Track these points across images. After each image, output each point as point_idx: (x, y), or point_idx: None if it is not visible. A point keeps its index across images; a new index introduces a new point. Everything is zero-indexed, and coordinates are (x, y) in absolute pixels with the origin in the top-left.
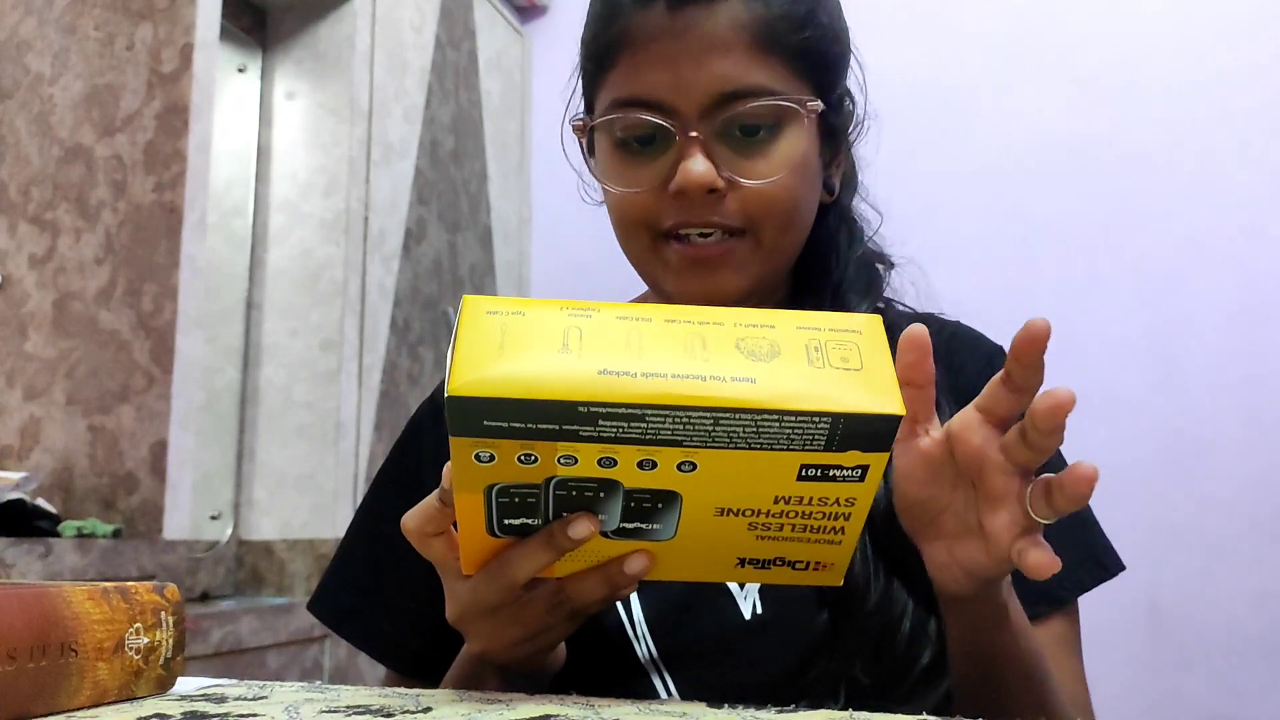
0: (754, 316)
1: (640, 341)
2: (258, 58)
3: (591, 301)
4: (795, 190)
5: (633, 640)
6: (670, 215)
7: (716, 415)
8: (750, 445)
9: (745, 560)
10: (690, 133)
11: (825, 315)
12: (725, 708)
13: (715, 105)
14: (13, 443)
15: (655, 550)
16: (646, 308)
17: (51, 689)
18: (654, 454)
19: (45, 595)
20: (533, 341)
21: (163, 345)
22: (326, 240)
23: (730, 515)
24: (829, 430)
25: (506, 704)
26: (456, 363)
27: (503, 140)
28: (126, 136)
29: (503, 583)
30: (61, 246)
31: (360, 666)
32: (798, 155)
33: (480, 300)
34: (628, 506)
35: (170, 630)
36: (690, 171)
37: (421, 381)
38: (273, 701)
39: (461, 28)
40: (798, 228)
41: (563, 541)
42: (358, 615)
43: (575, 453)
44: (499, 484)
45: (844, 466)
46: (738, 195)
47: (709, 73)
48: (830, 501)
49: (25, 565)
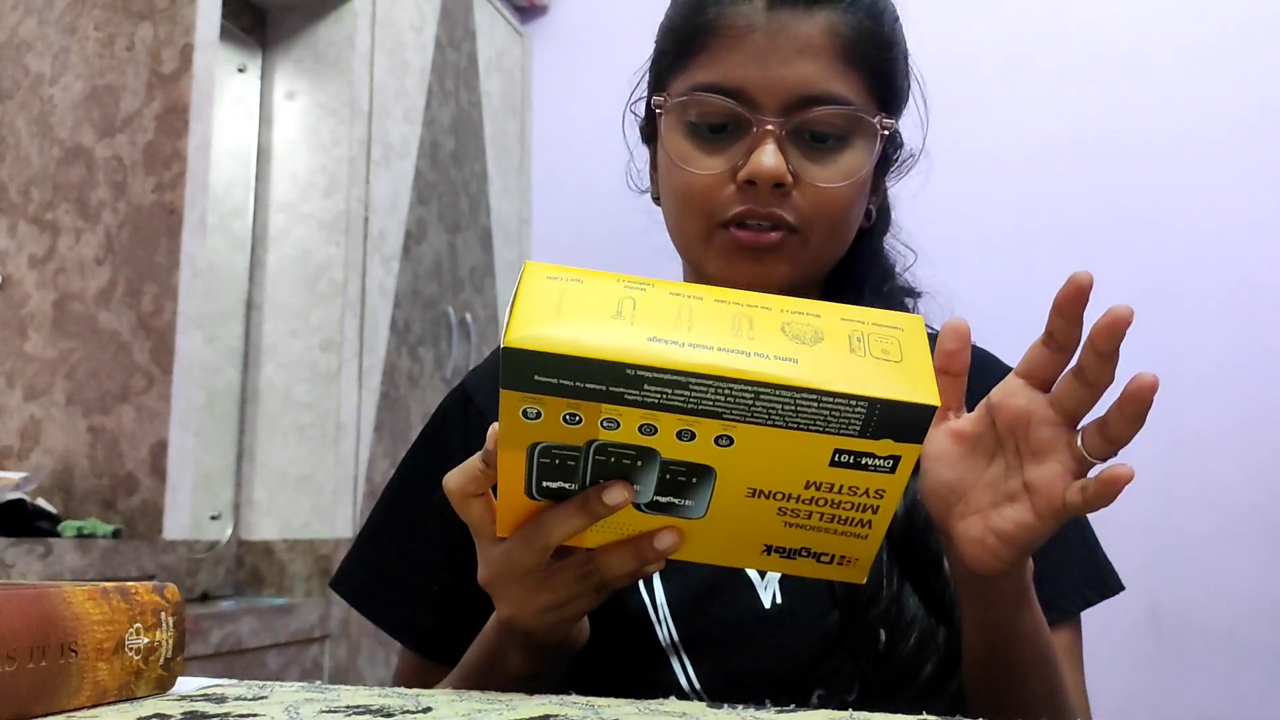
0: (801, 305)
1: (690, 316)
2: (258, 58)
3: (648, 278)
4: (851, 201)
5: (654, 623)
6: (734, 204)
7: (758, 390)
8: (787, 424)
9: (772, 548)
10: (767, 126)
11: (870, 310)
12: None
13: (795, 105)
14: (13, 443)
15: (685, 528)
16: (699, 287)
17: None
18: (694, 424)
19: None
20: (588, 307)
21: (163, 345)
22: (326, 240)
23: (761, 498)
24: (865, 415)
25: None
26: (515, 318)
27: (503, 141)
28: (126, 137)
29: (537, 545)
30: (61, 247)
31: (360, 666)
32: (860, 168)
33: (542, 266)
34: (663, 479)
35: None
36: (764, 162)
37: (421, 382)
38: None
39: (461, 28)
40: (842, 238)
41: (597, 506)
42: (380, 595)
43: (618, 416)
44: (542, 443)
45: (876, 455)
46: (801, 194)
47: (795, 73)
48: (860, 491)
49: (25, 565)
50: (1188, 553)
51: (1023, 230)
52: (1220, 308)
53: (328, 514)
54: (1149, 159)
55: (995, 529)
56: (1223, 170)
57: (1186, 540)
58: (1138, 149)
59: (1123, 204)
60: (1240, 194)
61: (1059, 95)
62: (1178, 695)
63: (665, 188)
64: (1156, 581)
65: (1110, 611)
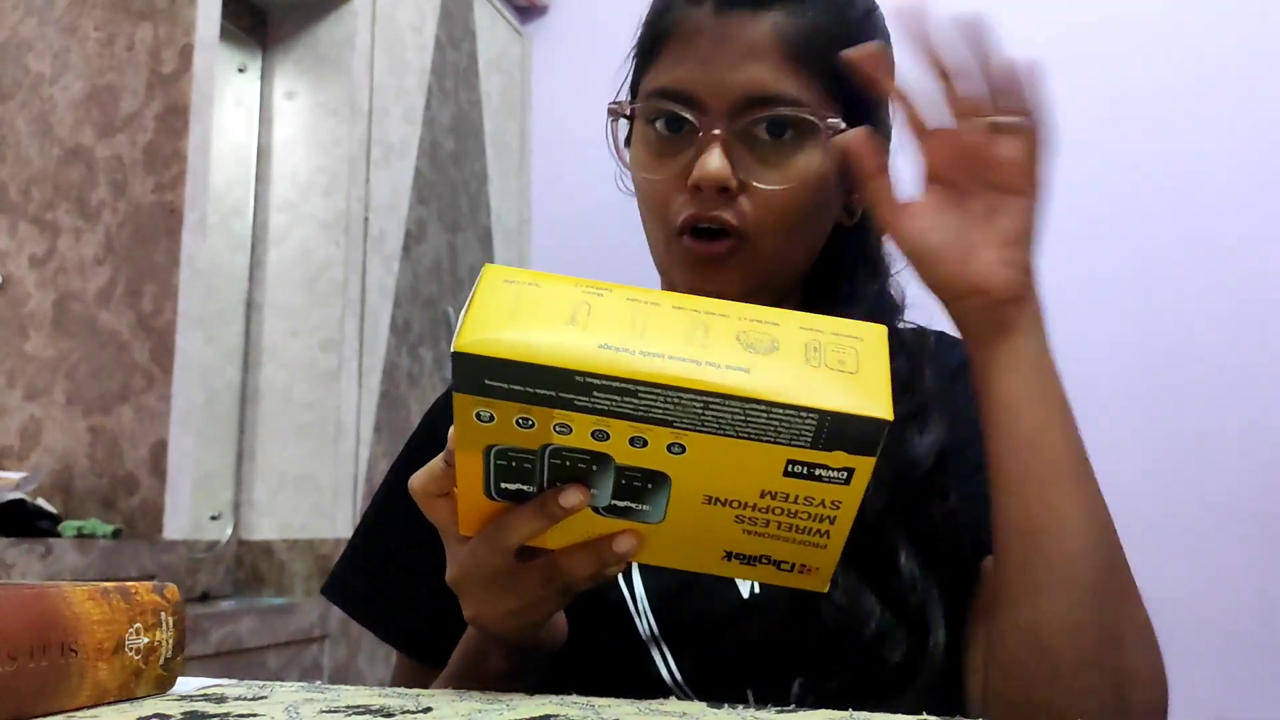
0: (760, 313)
1: (645, 323)
2: (258, 58)
3: (607, 283)
4: (804, 202)
5: (634, 616)
6: (684, 209)
7: (706, 399)
8: (738, 433)
9: (732, 554)
10: (714, 130)
11: (831, 319)
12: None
13: (742, 108)
14: (13, 443)
15: (645, 533)
16: (657, 293)
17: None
18: (645, 432)
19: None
20: (543, 312)
21: (163, 345)
22: (326, 240)
23: (718, 505)
24: (815, 427)
25: (507, 704)
26: (467, 322)
27: (503, 140)
28: (126, 137)
29: (498, 546)
30: (61, 247)
31: (360, 666)
32: (812, 169)
33: (500, 270)
34: (619, 483)
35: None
36: (707, 166)
37: (421, 381)
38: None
39: (461, 28)
40: (802, 241)
41: (554, 509)
42: (372, 600)
43: (570, 422)
44: (497, 445)
45: (830, 467)
46: (749, 198)
47: (741, 76)
48: (815, 502)
49: (25, 565)
50: (1187, 552)
51: None
52: (1220, 307)
53: (328, 514)
54: (1149, 157)
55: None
56: (1223, 169)
57: (1186, 539)
58: (1137, 149)
59: (1122, 203)
60: (1241, 194)
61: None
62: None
63: (636, 193)
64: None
65: None
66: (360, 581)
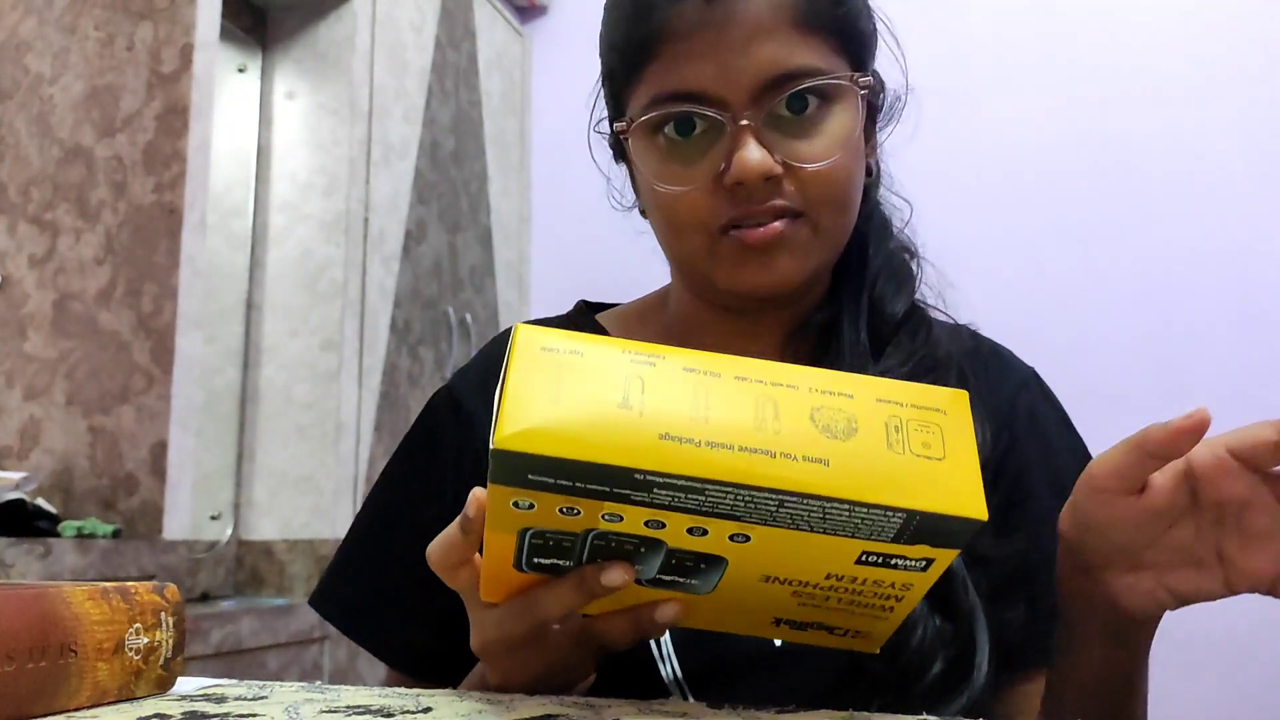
0: (831, 381)
1: (708, 401)
2: (258, 58)
3: (656, 345)
4: (850, 170)
5: (658, 660)
6: (728, 209)
7: (782, 498)
8: (813, 529)
9: (782, 620)
10: (741, 121)
11: (908, 386)
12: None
13: (764, 90)
14: (13, 443)
15: (689, 601)
16: (716, 359)
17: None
18: (707, 524)
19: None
20: (590, 391)
21: (163, 345)
22: (326, 240)
23: (776, 583)
24: (901, 525)
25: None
26: (505, 408)
27: (503, 140)
28: (126, 137)
29: (529, 621)
30: (61, 247)
31: (360, 667)
32: (849, 134)
33: (534, 334)
34: (668, 562)
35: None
36: (748, 160)
37: (421, 381)
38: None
39: (461, 28)
40: (852, 209)
41: (594, 587)
42: (363, 613)
43: (622, 513)
44: (534, 528)
45: (908, 557)
46: (794, 179)
47: (755, 58)
48: (885, 585)
49: (25, 565)
50: None
51: (1024, 231)
52: (1223, 309)
53: (328, 514)
54: (1151, 159)
55: (1173, 589)
56: (1225, 171)
57: None
58: (1140, 149)
59: (1124, 203)
60: (1242, 195)
61: (1060, 95)
62: (1177, 696)
63: (651, 208)
64: None
65: None
66: (351, 594)
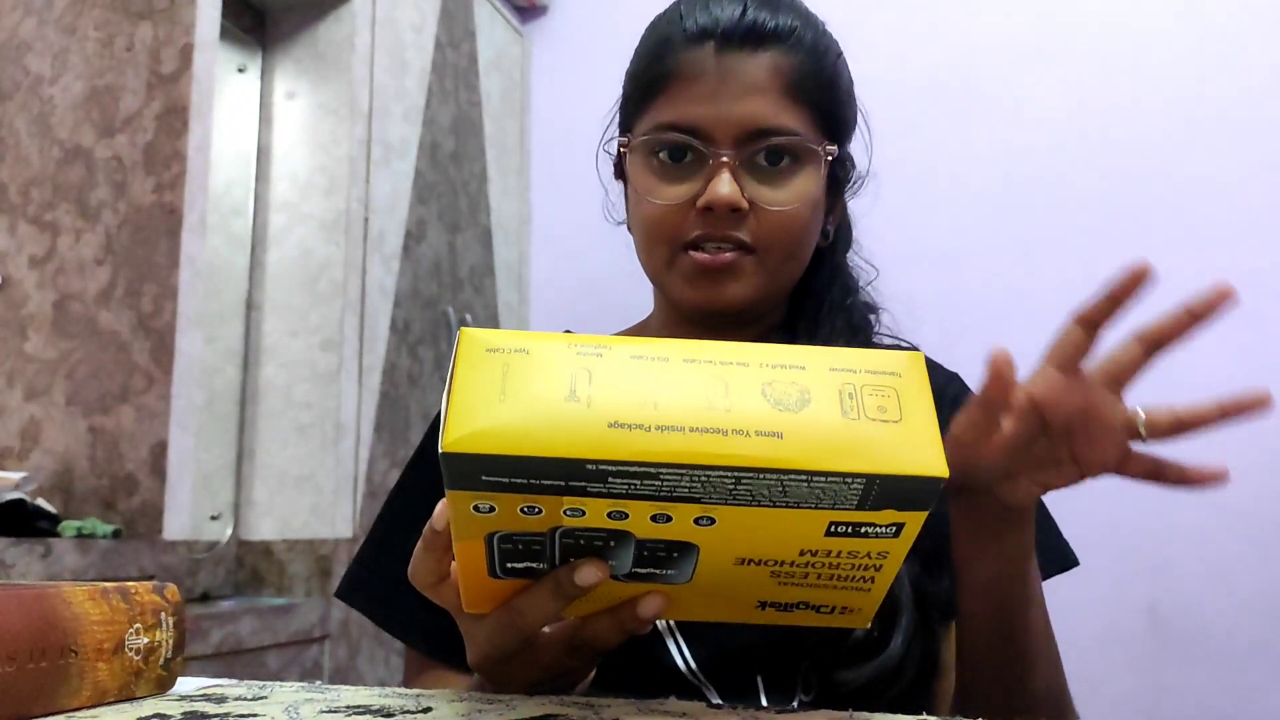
0: (783, 355)
1: (656, 386)
2: (258, 58)
3: (603, 336)
4: (804, 222)
5: (670, 649)
6: (694, 229)
7: (738, 475)
8: (774, 504)
9: (766, 603)
10: (722, 158)
11: (862, 353)
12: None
13: (747, 138)
14: (13, 443)
15: (671, 592)
16: (664, 344)
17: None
18: (669, 509)
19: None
20: (536, 385)
21: (163, 345)
22: (326, 240)
23: (751, 564)
24: (862, 490)
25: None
26: (452, 412)
27: (503, 140)
28: (126, 137)
29: (516, 633)
30: (61, 247)
31: (360, 666)
32: (811, 192)
33: (478, 335)
34: (640, 554)
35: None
36: (719, 190)
37: (421, 381)
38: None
39: (461, 28)
40: (799, 257)
41: (570, 589)
42: (385, 601)
43: (583, 506)
44: (500, 531)
45: (877, 524)
46: (756, 217)
47: (745, 109)
48: (860, 555)
49: (25, 565)
50: (1188, 553)
51: (1022, 229)
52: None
53: (328, 514)
54: (1149, 158)
55: (1042, 483)
56: (1223, 170)
57: (1186, 540)
58: (1137, 148)
59: (1121, 203)
60: (1240, 193)
61: (1059, 95)
62: (1178, 695)
63: (634, 219)
64: (1156, 581)
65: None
66: (377, 584)
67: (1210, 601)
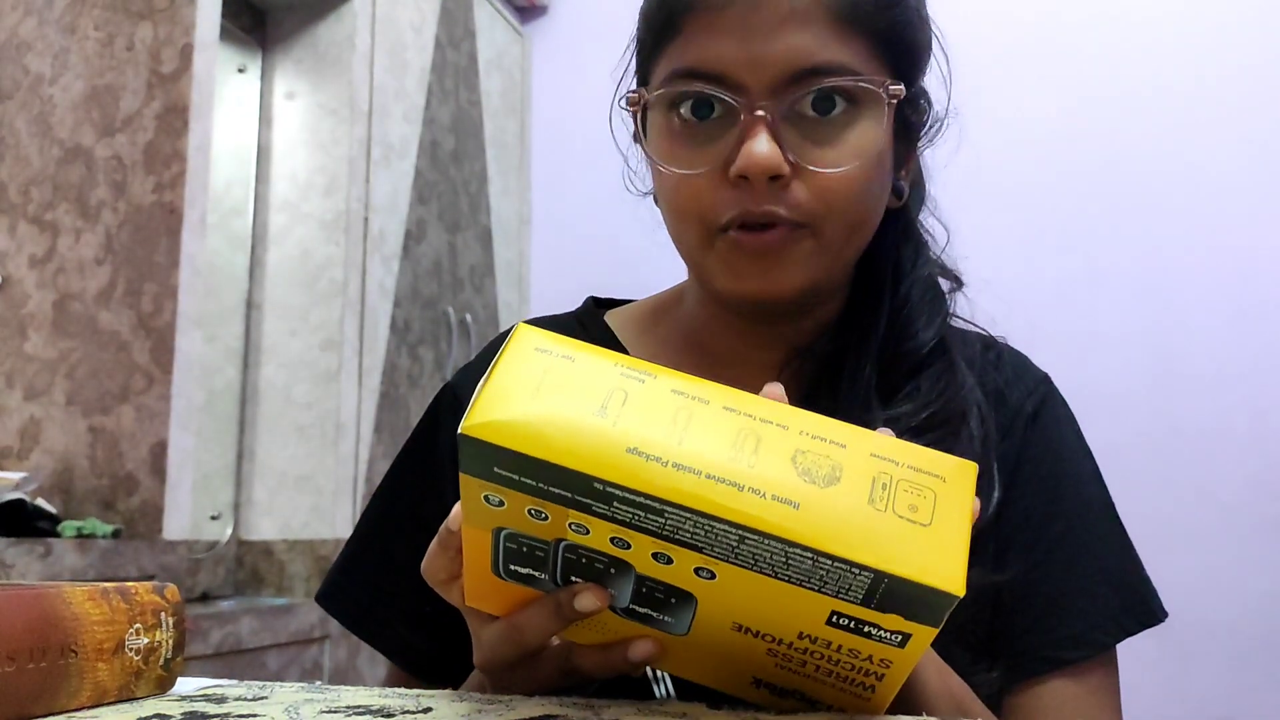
0: (826, 428)
1: (687, 424)
2: (258, 58)
3: (653, 365)
4: (867, 184)
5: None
6: (728, 206)
7: (742, 533)
8: (776, 575)
9: (762, 682)
10: (756, 111)
11: (911, 448)
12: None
13: (788, 82)
14: (13, 443)
15: (667, 642)
16: (710, 388)
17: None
18: (670, 551)
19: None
20: (572, 395)
21: (163, 345)
22: (326, 240)
23: (749, 634)
24: (869, 586)
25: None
26: (482, 397)
27: (503, 140)
28: (126, 137)
29: (515, 647)
30: (61, 246)
31: (360, 667)
32: (872, 145)
33: (533, 334)
34: (639, 591)
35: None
36: (754, 153)
37: (421, 382)
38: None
39: (461, 28)
40: (864, 228)
41: (569, 612)
42: (366, 611)
43: (588, 525)
44: (508, 529)
45: (882, 627)
46: (804, 184)
47: (783, 45)
48: (862, 657)
49: (25, 565)
50: (1188, 552)
51: (1022, 228)
52: (1220, 305)
53: (328, 514)
54: (1149, 156)
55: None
56: (1223, 168)
57: (1186, 539)
58: (1137, 146)
59: (1123, 200)
60: (1240, 192)
61: (1059, 93)
62: (1178, 694)
63: (659, 192)
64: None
65: None
66: (357, 591)
67: (1210, 600)
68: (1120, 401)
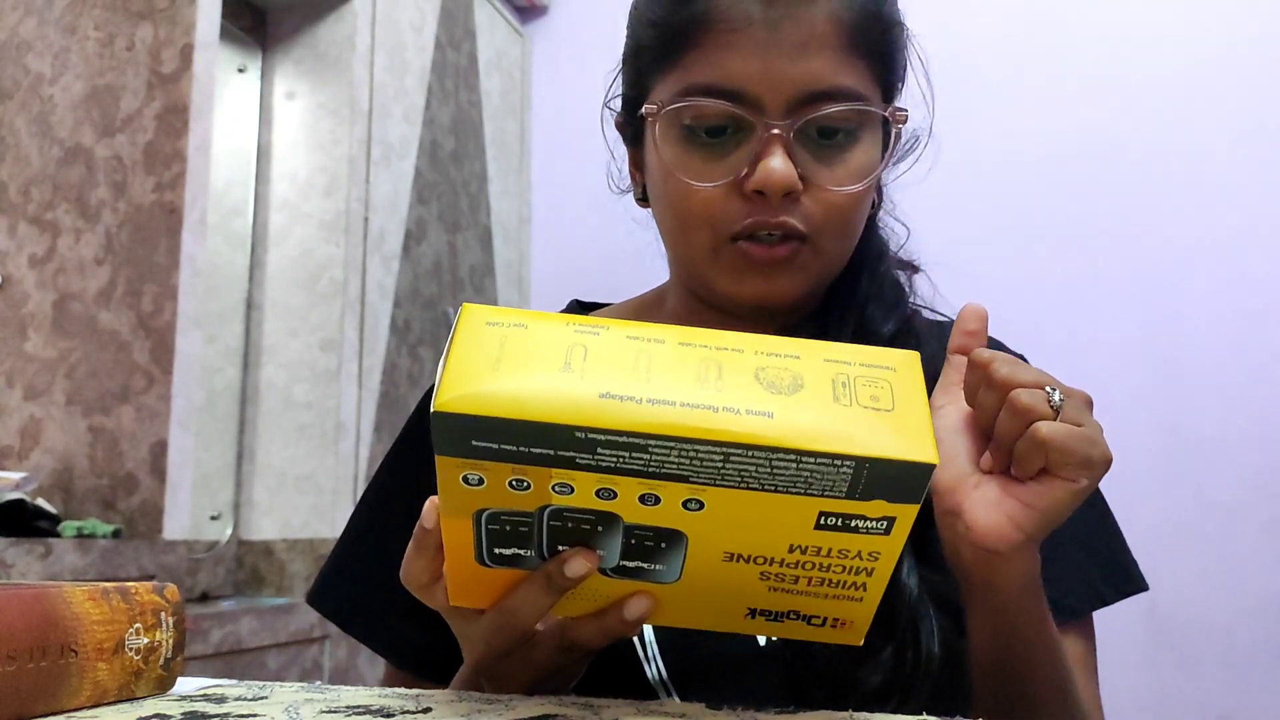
0: (777, 345)
1: (649, 364)
2: (258, 58)
3: (601, 319)
4: (862, 200)
5: (643, 661)
6: (741, 216)
7: (727, 451)
8: (763, 486)
9: (756, 611)
10: (773, 129)
11: (857, 348)
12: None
13: (802, 102)
14: (13, 443)
15: (659, 593)
16: (660, 328)
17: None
18: (657, 488)
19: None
20: (532, 358)
21: (163, 345)
22: (326, 240)
23: (740, 561)
24: (852, 475)
25: (506, 704)
26: (447, 376)
27: (503, 140)
28: (126, 137)
29: (510, 632)
30: (61, 246)
31: (360, 667)
32: (872, 166)
33: (480, 310)
34: (628, 543)
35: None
36: (774, 170)
37: (421, 382)
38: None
39: (461, 28)
40: (856, 238)
41: (561, 581)
42: (359, 610)
43: (571, 481)
44: (489, 510)
45: (867, 517)
46: (811, 199)
47: (802, 68)
48: (851, 554)
49: (25, 565)
50: (1187, 552)
51: (1023, 229)
52: (1220, 307)
53: (328, 514)
54: (1149, 158)
55: (1019, 495)
56: (1223, 170)
57: (1186, 539)
58: (1138, 148)
59: (1123, 202)
60: (1240, 193)
61: (1059, 94)
62: (1176, 694)
63: (661, 198)
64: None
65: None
66: (350, 589)
67: (1210, 601)
68: (1120, 402)
